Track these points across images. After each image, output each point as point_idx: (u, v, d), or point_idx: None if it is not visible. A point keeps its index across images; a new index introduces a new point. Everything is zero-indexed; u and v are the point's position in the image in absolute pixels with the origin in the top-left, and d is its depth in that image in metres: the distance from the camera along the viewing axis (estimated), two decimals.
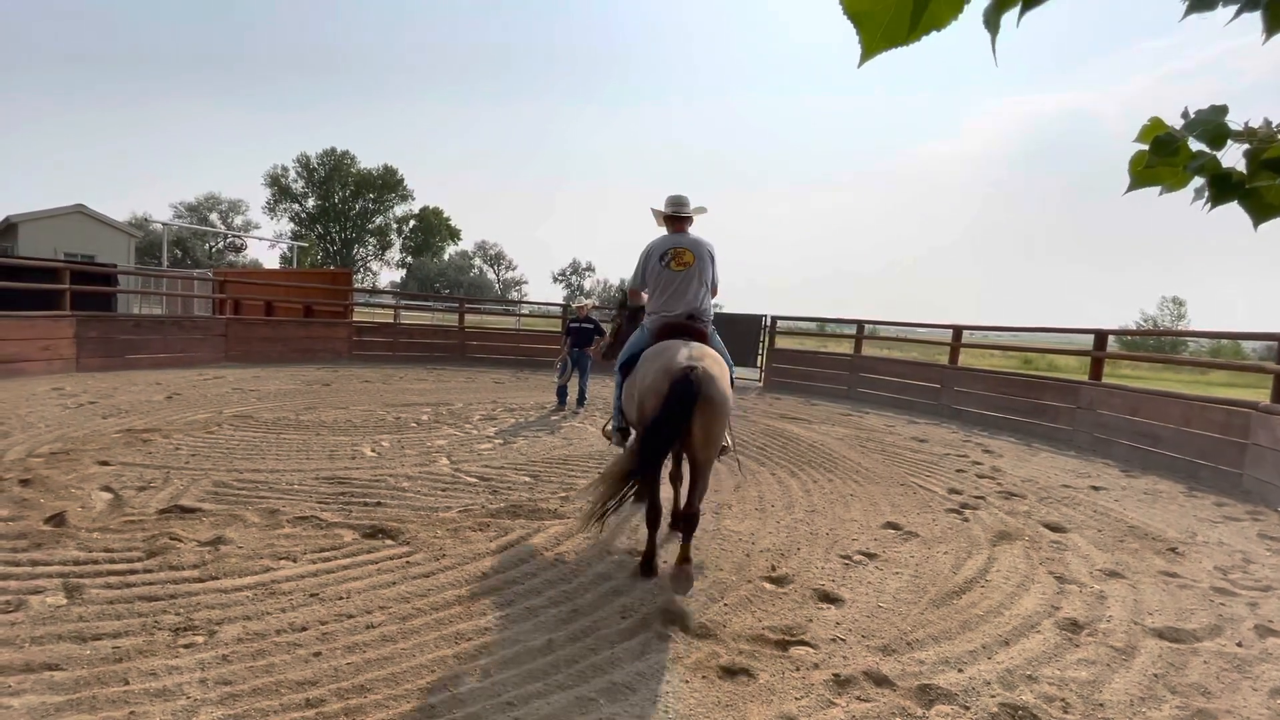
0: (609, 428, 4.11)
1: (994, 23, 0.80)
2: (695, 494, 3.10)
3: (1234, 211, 1.05)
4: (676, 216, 3.79)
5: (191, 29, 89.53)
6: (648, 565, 3.22)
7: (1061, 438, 7.99)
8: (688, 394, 2.87)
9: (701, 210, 3.86)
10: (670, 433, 2.89)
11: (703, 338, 3.48)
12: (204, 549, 3.15)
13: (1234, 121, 1.03)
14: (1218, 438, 6.22)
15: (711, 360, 3.12)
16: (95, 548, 3.10)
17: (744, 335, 12.86)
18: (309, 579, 2.91)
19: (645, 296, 3.95)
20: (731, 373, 3.36)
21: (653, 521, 3.20)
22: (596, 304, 10.12)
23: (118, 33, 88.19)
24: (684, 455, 3.34)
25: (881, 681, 2.38)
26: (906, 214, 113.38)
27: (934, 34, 0.79)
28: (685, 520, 3.09)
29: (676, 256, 3.63)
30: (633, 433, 3.61)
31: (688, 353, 3.10)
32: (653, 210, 3.99)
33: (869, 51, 0.80)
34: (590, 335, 8.36)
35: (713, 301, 3.82)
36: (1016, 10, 0.80)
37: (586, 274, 70.31)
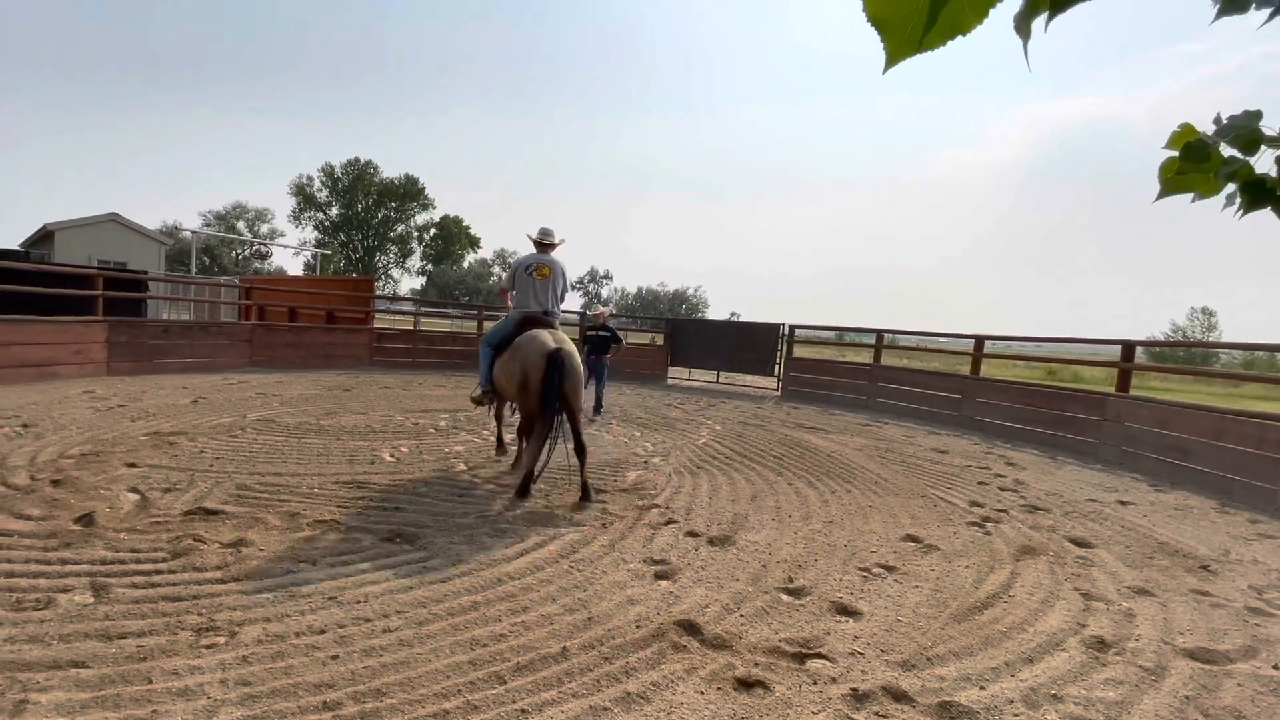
0: (477, 393, 5.06)
1: (1025, 29, 0.79)
2: (578, 433, 4.50)
3: (1268, 219, 1.03)
4: (542, 243, 5.12)
5: (220, 41, 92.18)
6: (527, 484, 4.44)
7: (1087, 451, 7.81)
8: (557, 366, 4.28)
9: (561, 241, 5.21)
10: (552, 392, 4.26)
11: (552, 328, 4.72)
12: (226, 551, 3.20)
13: (1268, 126, 1.01)
14: (1251, 452, 6.03)
15: (568, 343, 4.50)
16: (122, 548, 3.16)
17: (761, 344, 12.80)
18: (328, 582, 2.94)
19: (510, 296, 5.20)
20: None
21: (546, 452, 4.43)
22: (613, 311, 10.27)
23: (151, 45, 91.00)
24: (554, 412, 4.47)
25: (901, 697, 2.34)
26: (928, 221, 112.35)
27: (958, 40, 0.79)
28: (579, 452, 4.48)
29: (538, 269, 4.95)
30: (498, 395, 4.98)
31: (551, 339, 4.46)
32: (527, 234, 5.20)
33: (893, 58, 0.79)
34: (607, 343, 8.34)
35: (562, 307, 5.25)
36: (1044, 16, 0.78)
37: (604, 282, 70.59)
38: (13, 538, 3.19)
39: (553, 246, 5.16)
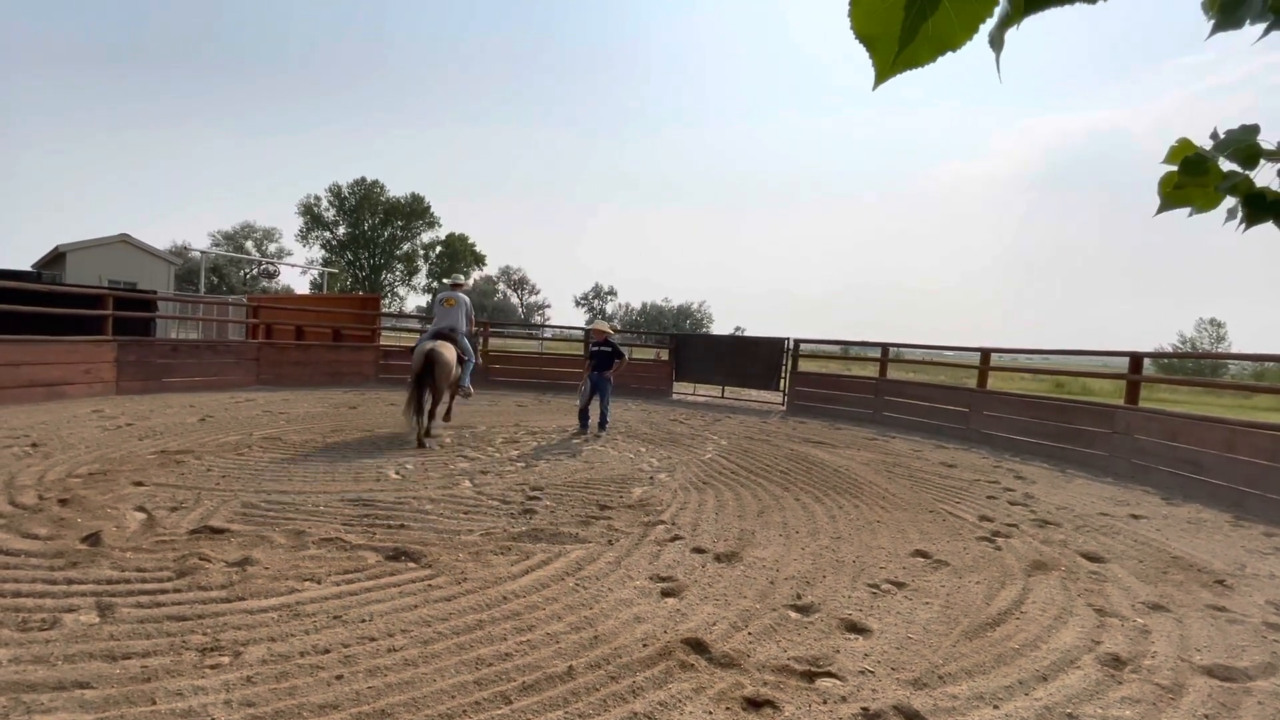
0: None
1: (999, 40, 0.79)
2: (438, 405, 7.02)
3: (1271, 232, 1.03)
4: (454, 284, 8.03)
5: (229, 59, 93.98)
6: (422, 436, 6.66)
7: (1097, 464, 7.73)
8: (430, 360, 6.56)
9: (466, 283, 8.64)
10: (426, 375, 6.56)
11: (453, 339, 7.21)
12: (231, 569, 3.19)
13: (1266, 140, 1.01)
14: (1265, 464, 5.96)
15: (445, 347, 6.79)
16: (128, 567, 3.16)
17: (766, 358, 12.76)
18: (333, 601, 2.93)
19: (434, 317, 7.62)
20: (471, 360, 7.61)
21: (420, 416, 6.63)
22: (618, 327, 10.60)
23: (160, 64, 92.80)
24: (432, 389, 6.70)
25: (913, 717, 2.30)
26: (933, 234, 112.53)
27: (952, 54, 0.79)
28: (433, 416, 6.89)
29: (448, 300, 7.64)
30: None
31: (433, 344, 6.74)
32: (443, 279, 8.58)
33: (882, 75, 0.80)
34: (609, 359, 8.12)
35: (470, 326, 7.84)
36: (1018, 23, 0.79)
37: (609, 298, 70.86)
38: (19, 557, 3.20)
39: (460, 286, 8.07)
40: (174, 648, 2.46)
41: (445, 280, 6.99)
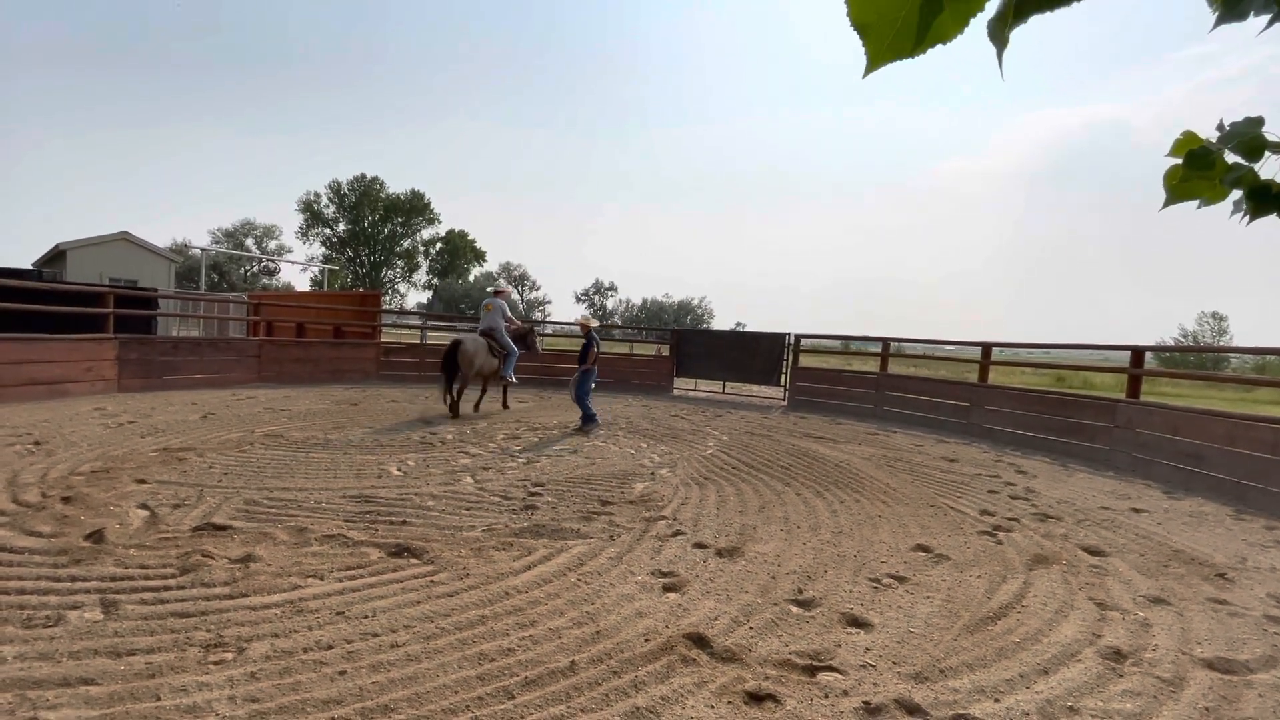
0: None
1: (1000, 36, 0.78)
2: (466, 388, 8.48)
3: (1275, 224, 1.02)
4: (496, 291, 9.64)
5: (228, 58, 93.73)
6: (452, 409, 8.33)
7: (1098, 458, 7.73)
8: (453, 350, 8.24)
9: (505, 289, 10.28)
10: (451, 362, 8.25)
11: (490, 336, 8.67)
12: (235, 566, 3.20)
13: (1271, 132, 1.00)
14: (1266, 458, 5.96)
15: (470, 340, 8.34)
16: (131, 564, 3.17)
17: (767, 354, 12.76)
18: (335, 597, 2.94)
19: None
20: (511, 357, 8.81)
21: (448, 394, 8.34)
22: (618, 322, 11.15)
23: (159, 63, 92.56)
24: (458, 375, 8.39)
25: (914, 711, 2.30)
26: (934, 230, 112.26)
27: (952, 50, 0.79)
28: (462, 402, 8.45)
29: (486, 306, 9.13)
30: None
31: (463, 337, 8.30)
32: (486, 289, 10.03)
33: (874, 62, 0.79)
34: (586, 350, 8.01)
35: (507, 325, 9.02)
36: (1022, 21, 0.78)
37: (610, 293, 70.82)
38: (23, 555, 3.21)
39: (500, 293, 9.63)
40: (178, 644, 2.47)
41: (489, 289, 9.61)
